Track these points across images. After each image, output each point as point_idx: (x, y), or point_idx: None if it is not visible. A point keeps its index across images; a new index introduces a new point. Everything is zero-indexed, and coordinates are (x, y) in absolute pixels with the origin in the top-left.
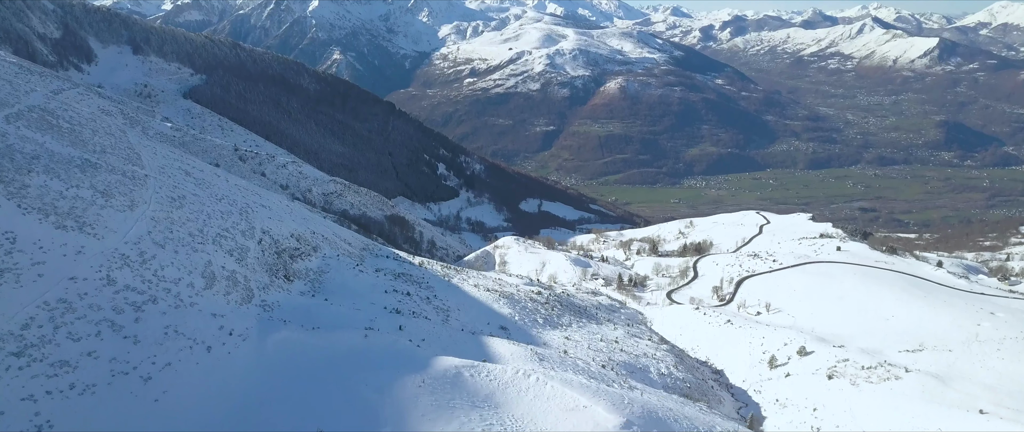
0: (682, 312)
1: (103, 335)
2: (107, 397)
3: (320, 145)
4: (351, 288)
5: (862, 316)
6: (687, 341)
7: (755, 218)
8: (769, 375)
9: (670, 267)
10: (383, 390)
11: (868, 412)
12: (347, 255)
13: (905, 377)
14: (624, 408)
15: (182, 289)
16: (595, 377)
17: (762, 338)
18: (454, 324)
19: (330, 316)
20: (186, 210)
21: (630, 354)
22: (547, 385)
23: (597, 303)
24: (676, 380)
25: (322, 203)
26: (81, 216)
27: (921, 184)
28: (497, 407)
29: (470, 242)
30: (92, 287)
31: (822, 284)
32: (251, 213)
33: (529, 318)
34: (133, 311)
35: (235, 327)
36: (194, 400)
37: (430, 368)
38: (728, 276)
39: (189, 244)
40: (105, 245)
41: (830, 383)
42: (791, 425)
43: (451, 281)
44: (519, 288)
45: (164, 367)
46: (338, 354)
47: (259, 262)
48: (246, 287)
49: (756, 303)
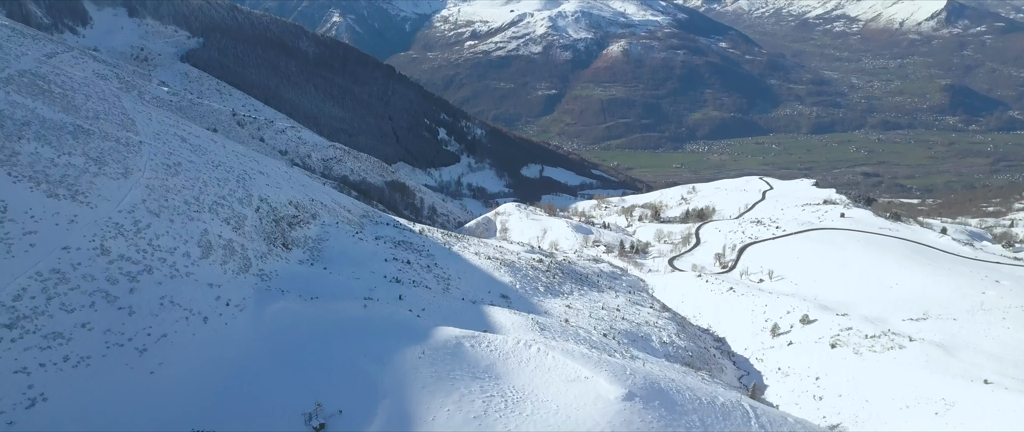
0: (684, 279)
1: (97, 306)
2: (102, 369)
3: (319, 109)
4: (351, 256)
5: (866, 284)
6: (689, 309)
7: (758, 184)
8: (771, 343)
9: (672, 233)
10: (382, 361)
11: (871, 381)
12: (346, 222)
13: (909, 346)
14: (626, 379)
15: (178, 259)
16: (597, 347)
17: (764, 306)
18: (455, 293)
19: (329, 285)
20: (182, 177)
21: (632, 322)
22: (548, 356)
23: (598, 270)
24: (678, 349)
25: (321, 169)
26: (73, 184)
27: (925, 149)
28: (498, 378)
29: (471, 208)
30: (85, 257)
31: (825, 251)
32: (248, 180)
33: (530, 286)
34: (128, 281)
35: (232, 297)
36: (190, 372)
37: (430, 339)
38: (731, 243)
39: (185, 212)
40: (98, 214)
41: (833, 352)
42: (793, 394)
43: (452, 249)
44: (520, 256)
45: (160, 339)
46: (337, 325)
47: (256, 230)
48: (243, 256)
49: (759, 270)
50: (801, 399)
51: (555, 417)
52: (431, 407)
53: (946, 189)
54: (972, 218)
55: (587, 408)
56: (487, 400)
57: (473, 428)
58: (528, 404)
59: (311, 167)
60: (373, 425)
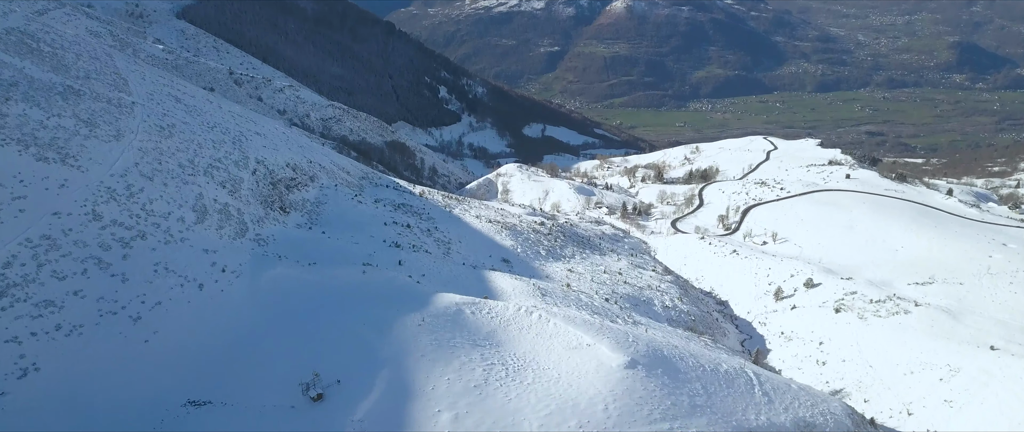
0: (687, 242)
1: (90, 273)
2: (95, 338)
3: (318, 68)
4: (349, 220)
5: (871, 247)
6: (691, 271)
7: (762, 144)
8: (775, 307)
9: (675, 195)
10: (381, 329)
11: (875, 347)
12: (345, 185)
13: (914, 311)
14: (628, 346)
15: (172, 224)
16: (598, 312)
17: (768, 269)
18: (455, 257)
19: (327, 250)
20: (176, 140)
21: (634, 286)
22: (550, 322)
23: (601, 233)
24: (680, 313)
25: (320, 129)
26: (63, 147)
27: (930, 107)
28: (498, 346)
29: (472, 169)
30: (77, 223)
31: (830, 213)
32: (245, 142)
33: (532, 250)
34: (121, 248)
35: (228, 263)
36: (185, 341)
37: (430, 305)
38: (734, 204)
39: (179, 176)
40: (90, 178)
41: (837, 316)
42: (796, 359)
43: (452, 212)
44: (521, 219)
45: (154, 306)
46: (335, 291)
47: (253, 194)
48: (239, 221)
49: (762, 232)
50: (804, 364)
51: (556, 386)
52: (431, 376)
53: (951, 148)
54: (977, 178)
55: (589, 376)
56: (488, 369)
57: (473, 398)
58: (529, 372)
59: (310, 127)
60: (372, 395)
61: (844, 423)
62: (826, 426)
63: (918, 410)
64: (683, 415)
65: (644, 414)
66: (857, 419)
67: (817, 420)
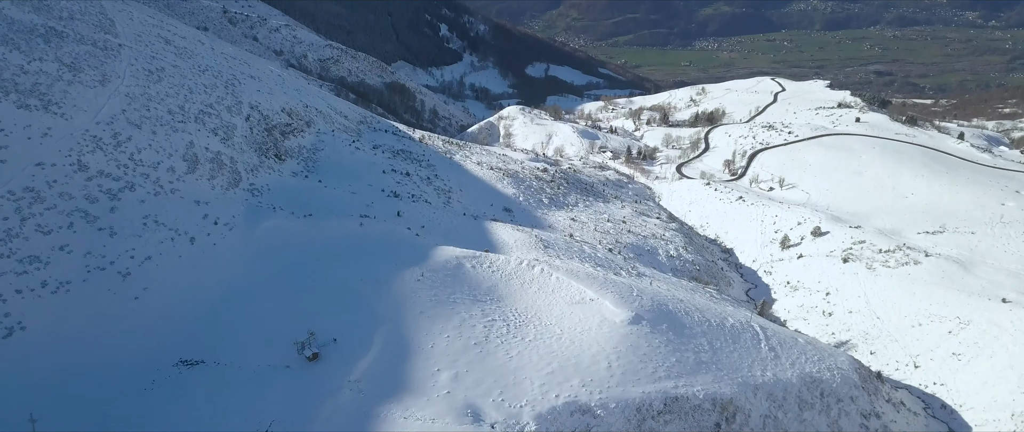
0: (692, 187)
1: (76, 227)
2: (83, 295)
3: (316, 5)
4: (347, 167)
5: (880, 194)
6: (696, 218)
7: (770, 85)
8: (781, 256)
9: (681, 138)
10: (379, 285)
11: (883, 298)
12: (343, 130)
13: (924, 262)
14: (632, 301)
15: (162, 174)
16: (602, 264)
17: (775, 216)
18: (456, 207)
19: (324, 200)
20: (165, 84)
21: (638, 235)
22: (552, 276)
23: (604, 179)
24: (685, 263)
25: (318, 70)
26: (46, 94)
27: (941, 46)
28: (499, 301)
29: (474, 111)
30: (62, 174)
31: (839, 158)
32: (238, 86)
33: (534, 198)
34: (108, 200)
35: (221, 215)
36: (176, 297)
37: (430, 259)
38: (741, 149)
39: (169, 123)
40: (74, 126)
41: (845, 266)
42: (802, 310)
43: (453, 158)
44: (524, 165)
45: (144, 261)
46: (332, 244)
47: (247, 141)
48: (232, 170)
49: (769, 178)
50: (810, 315)
51: (559, 342)
52: (430, 333)
53: (960, 88)
54: (988, 120)
55: (592, 332)
56: (488, 325)
57: (474, 356)
58: (531, 328)
59: (307, 68)
60: (369, 354)
61: (851, 378)
62: (833, 381)
63: (925, 363)
64: (688, 372)
65: (648, 371)
66: (864, 373)
67: (824, 375)
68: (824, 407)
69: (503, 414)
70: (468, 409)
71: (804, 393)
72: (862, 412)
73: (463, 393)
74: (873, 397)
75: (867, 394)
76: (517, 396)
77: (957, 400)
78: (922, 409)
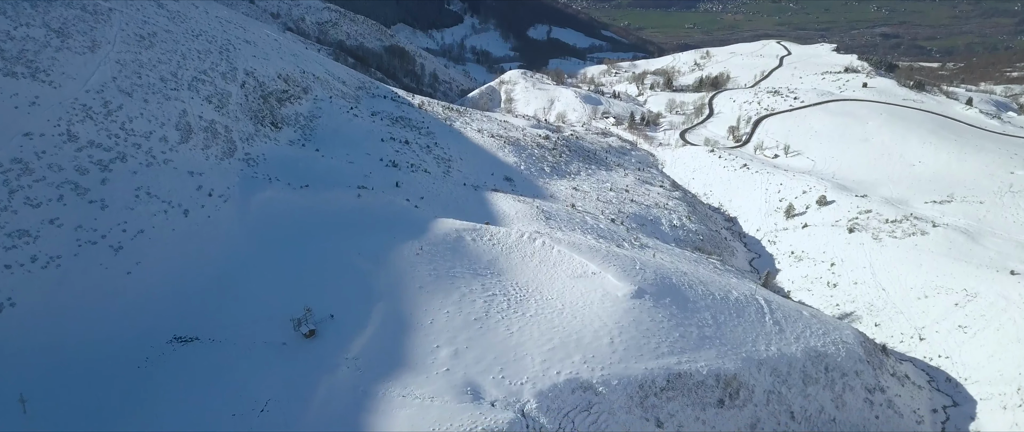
0: (696, 154)
1: (66, 200)
2: (73, 270)
3: None
4: (345, 135)
5: (887, 161)
6: (699, 185)
7: (775, 48)
8: (785, 225)
9: (685, 104)
10: (378, 258)
11: (889, 269)
12: (341, 96)
13: (932, 232)
14: (635, 274)
15: (154, 144)
16: (604, 236)
17: (780, 184)
18: (456, 176)
19: (321, 170)
20: (157, 50)
21: (640, 204)
22: (554, 249)
23: (607, 145)
24: (689, 232)
25: (316, 33)
26: (33, 61)
27: (949, 7)
28: (500, 275)
29: (475, 74)
30: (51, 144)
31: (845, 125)
32: (233, 51)
33: (536, 167)
34: (99, 171)
35: (215, 186)
36: (170, 272)
37: (429, 232)
38: (745, 115)
39: (161, 91)
40: (63, 94)
41: (851, 237)
42: (806, 280)
43: (453, 125)
44: (525, 132)
45: (136, 235)
46: (329, 217)
47: (242, 109)
48: (227, 139)
49: (774, 145)
50: (814, 286)
51: (560, 317)
52: (429, 309)
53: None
54: (996, 85)
55: (594, 307)
56: (489, 300)
57: (474, 332)
58: (532, 303)
59: (305, 32)
60: (367, 331)
61: (856, 352)
62: (838, 355)
63: (930, 335)
64: (691, 348)
65: (651, 347)
66: (869, 347)
67: (829, 349)
68: (828, 382)
69: (503, 391)
70: (468, 387)
71: (809, 368)
72: (867, 386)
73: (463, 370)
74: (878, 371)
75: (872, 368)
76: (518, 373)
77: (962, 373)
78: (927, 382)
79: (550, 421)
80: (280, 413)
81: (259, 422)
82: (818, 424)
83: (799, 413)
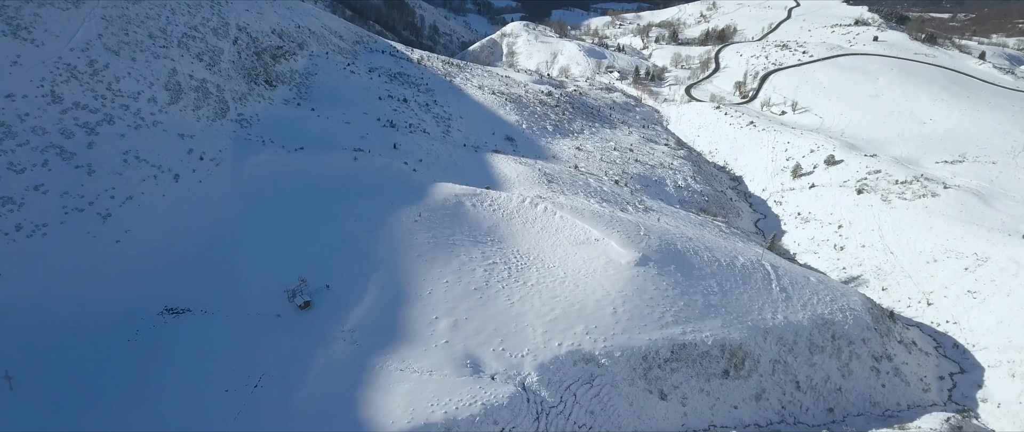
0: (701, 111)
1: (51, 165)
2: (60, 239)
3: None
4: (341, 93)
5: (897, 118)
6: (705, 143)
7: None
8: (792, 185)
9: (690, 58)
10: (375, 226)
11: (898, 232)
12: (338, 52)
13: (942, 194)
14: (639, 241)
15: (142, 105)
16: (608, 199)
17: (787, 143)
18: (455, 136)
19: (316, 131)
20: (145, 4)
21: (645, 165)
22: (556, 215)
23: (611, 102)
24: (693, 193)
25: None
26: (14, 17)
27: None
28: (501, 242)
29: (476, 26)
30: (34, 106)
31: (855, 80)
32: (225, 5)
33: (538, 125)
34: (86, 134)
35: (207, 149)
36: (160, 240)
37: (428, 197)
38: (752, 69)
39: (149, 49)
40: (46, 53)
41: (859, 198)
42: (812, 242)
43: (453, 82)
44: (527, 88)
45: (125, 201)
46: (325, 182)
47: (235, 67)
48: (219, 99)
49: (782, 101)
50: (821, 249)
51: (562, 286)
52: (428, 279)
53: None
54: (1009, 37)
55: (597, 275)
56: (489, 269)
57: (473, 302)
58: (533, 272)
59: None
60: (364, 302)
61: (863, 319)
62: (845, 323)
63: (938, 300)
64: (696, 316)
65: (655, 317)
66: (876, 314)
67: (836, 317)
68: (835, 350)
69: (504, 364)
70: (467, 359)
71: (815, 336)
72: (874, 354)
73: (462, 342)
74: (885, 338)
75: (879, 335)
76: (518, 345)
77: (970, 339)
78: (934, 348)
79: (551, 394)
80: (274, 389)
81: (252, 399)
82: (824, 393)
83: (805, 382)
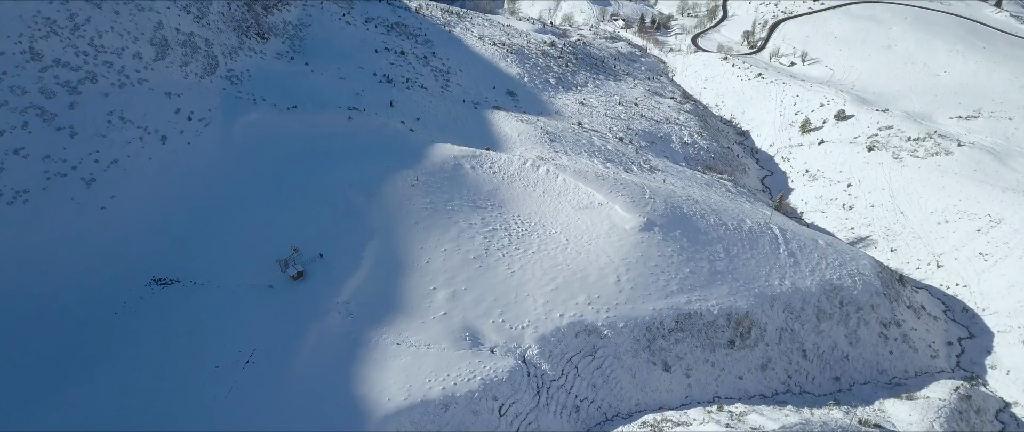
0: (708, 61)
1: (31, 127)
2: (43, 206)
3: None
4: (336, 46)
5: (911, 71)
6: (711, 95)
7: None
8: (800, 140)
9: (697, 5)
10: (370, 190)
11: (909, 192)
12: (333, 0)
13: (956, 152)
14: (644, 204)
15: (127, 62)
16: (612, 159)
17: (796, 96)
18: (455, 91)
19: (310, 88)
20: None
21: (650, 120)
22: (558, 178)
23: (615, 52)
24: (699, 150)
25: None
26: None
27: None
28: (501, 206)
29: None
30: (12, 64)
31: (867, 30)
32: None
33: (540, 78)
34: (67, 94)
35: (195, 109)
36: (147, 207)
37: (425, 160)
38: (761, 17)
39: (133, 0)
40: (24, 7)
41: (870, 155)
42: (820, 201)
43: (453, 32)
44: (530, 38)
45: (110, 165)
46: (318, 143)
47: (224, 19)
48: (208, 54)
49: (791, 52)
50: (829, 207)
51: (564, 253)
52: (426, 247)
53: None
54: None
55: (600, 241)
56: (489, 236)
57: (472, 271)
58: (534, 238)
59: None
60: (359, 272)
61: (872, 284)
62: (854, 288)
63: (949, 262)
64: (702, 284)
65: (660, 285)
66: (886, 278)
67: (845, 282)
68: (843, 317)
69: (503, 336)
70: (466, 332)
71: (823, 302)
72: (882, 320)
73: (461, 314)
74: (894, 303)
75: (888, 300)
76: (519, 316)
77: (980, 303)
78: (942, 312)
79: (552, 368)
80: (266, 364)
81: (243, 375)
82: (831, 362)
83: (811, 351)
